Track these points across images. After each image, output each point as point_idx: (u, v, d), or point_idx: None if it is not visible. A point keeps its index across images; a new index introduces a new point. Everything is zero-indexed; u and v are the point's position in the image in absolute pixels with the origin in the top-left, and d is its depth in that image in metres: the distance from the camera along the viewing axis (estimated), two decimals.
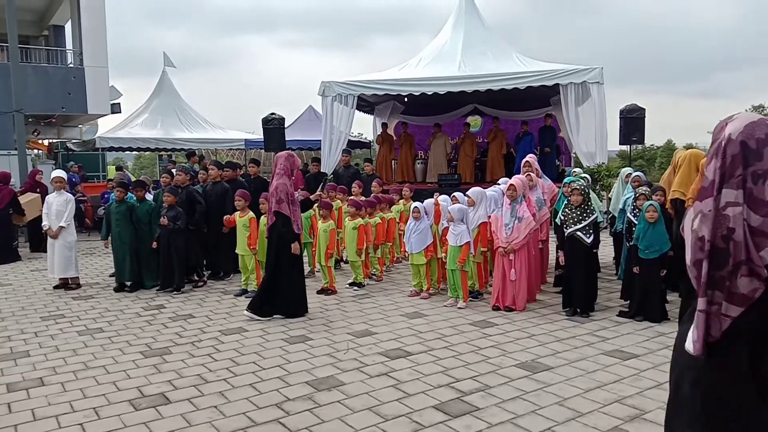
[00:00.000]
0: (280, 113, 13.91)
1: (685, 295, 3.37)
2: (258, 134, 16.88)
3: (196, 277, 7.83)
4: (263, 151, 17.18)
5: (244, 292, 7.14)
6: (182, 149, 19.55)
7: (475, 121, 16.40)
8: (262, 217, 7.15)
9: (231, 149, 22.37)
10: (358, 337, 5.37)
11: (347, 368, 4.58)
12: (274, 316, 6.05)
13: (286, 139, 16.19)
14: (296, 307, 6.12)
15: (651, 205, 5.74)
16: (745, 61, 78.80)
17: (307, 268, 8.24)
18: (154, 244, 7.43)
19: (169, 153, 23.64)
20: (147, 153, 24.90)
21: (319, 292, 7.07)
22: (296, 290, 6.13)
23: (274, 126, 13.30)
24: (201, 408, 3.89)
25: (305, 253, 8.15)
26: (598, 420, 3.61)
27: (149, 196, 8.21)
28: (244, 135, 20.91)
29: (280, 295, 6.06)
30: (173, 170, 9.32)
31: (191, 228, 7.59)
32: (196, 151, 16.88)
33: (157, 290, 7.45)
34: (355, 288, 7.29)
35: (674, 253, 6.42)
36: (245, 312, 6.06)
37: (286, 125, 15.68)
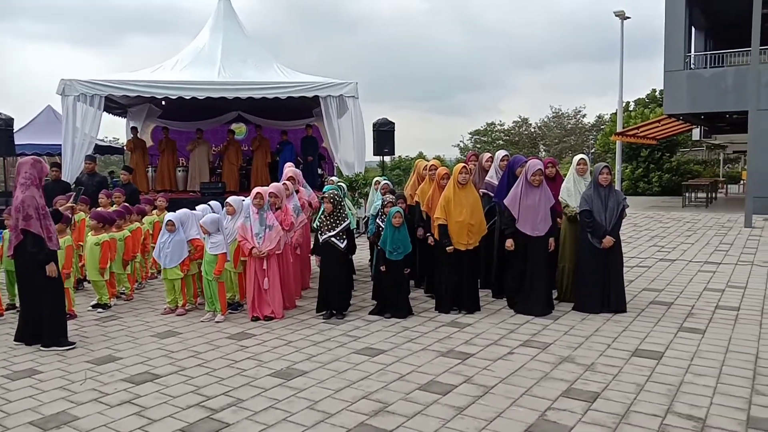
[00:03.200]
0: (14, 113, 12.05)
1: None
2: None
3: None
4: None
5: None
6: None
7: (239, 129, 16.14)
8: None
9: None
10: (99, 365, 4.84)
11: (83, 401, 4.09)
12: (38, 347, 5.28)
13: (20, 143, 14.21)
14: (65, 334, 5.37)
15: (397, 211, 6.23)
16: (480, 84, 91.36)
17: None
18: None
19: None
20: None
21: None
22: (62, 316, 5.38)
23: None
24: None
25: None
26: (345, 419, 3.77)
27: None
28: None
29: (46, 324, 5.25)
30: None
31: None
32: None
33: None
34: (99, 310, 6.58)
35: (419, 254, 7.07)
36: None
37: (18, 127, 13.73)
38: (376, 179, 8.45)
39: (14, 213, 5.26)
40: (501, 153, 7.36)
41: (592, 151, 36.92)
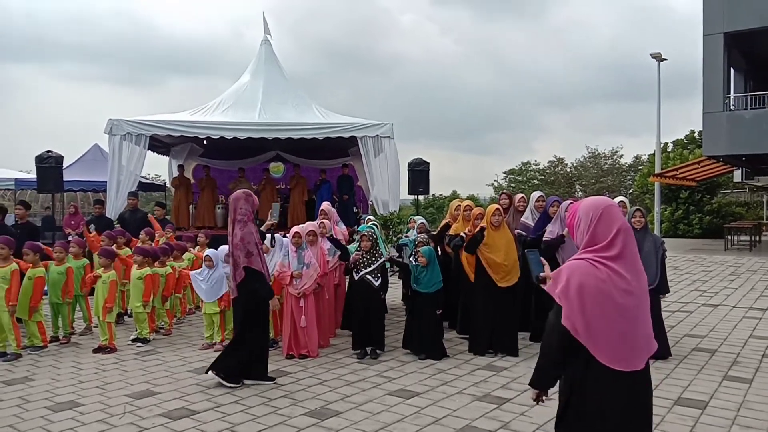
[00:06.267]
0: (62, 151, 12.59)
1: None
2: (34, 174, 15.05)
3: None
4: (37, 192, 15.32)
5: (2, 354, 6.18)
6: None
7: (277, 167, 16.46)
8: (31, 269, 6.41)
9: None
10: (138, 399, 4.93)
11: None
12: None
13: (68, 179, 14.78)
14: (263, 368, 5.47)
15: (421, 252, 6.28)
16: (511, 124, 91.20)
17: (83, 325, 7.46)
18: None
19: None
20: None
21: (95, 351, 6.40)
22: (262, 351, 5.48)
23: (49, 165, 11.92)
24: None
25: (78, 308, 7.41)
26: None
27: None
28: (16, 174, 18.49)
29: (255, 358, 5.39)
30: None
31: None
32: None
33: None
34: (139, 344, 6.71)
35: (452, 294, 7.03)
36: (210, 373, 5.26)
37: (67, 164, 14.34)
38: (411, 217, 8.51)
39: (235, 251, 5.24)
40: (536, 194, 7.35)
41: (630, 191, 36.36)
